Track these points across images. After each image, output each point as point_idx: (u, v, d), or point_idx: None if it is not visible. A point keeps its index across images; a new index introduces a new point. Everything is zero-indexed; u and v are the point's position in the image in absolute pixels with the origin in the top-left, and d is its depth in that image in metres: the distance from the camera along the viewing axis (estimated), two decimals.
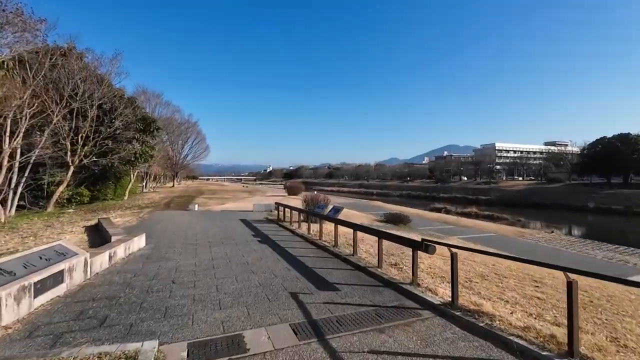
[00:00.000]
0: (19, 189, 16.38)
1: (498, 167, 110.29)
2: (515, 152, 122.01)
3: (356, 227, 7.44)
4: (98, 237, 10.01)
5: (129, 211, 18.94)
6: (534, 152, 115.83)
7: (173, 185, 61.86)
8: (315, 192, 24.10)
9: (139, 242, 8.41)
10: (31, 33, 11.56)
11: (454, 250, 4.39)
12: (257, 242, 9.43)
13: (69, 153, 18.94)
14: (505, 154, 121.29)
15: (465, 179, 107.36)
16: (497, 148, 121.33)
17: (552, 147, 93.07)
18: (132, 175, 30.81)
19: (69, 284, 5.23)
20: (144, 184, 44.05)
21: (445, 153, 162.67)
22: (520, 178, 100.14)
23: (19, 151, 15.84)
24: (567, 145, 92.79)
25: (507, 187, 76.95)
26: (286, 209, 13.97)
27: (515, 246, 15.21)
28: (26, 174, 16.61)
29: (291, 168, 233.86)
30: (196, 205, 20.14)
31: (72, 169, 19.23)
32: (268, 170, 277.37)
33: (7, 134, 14.37)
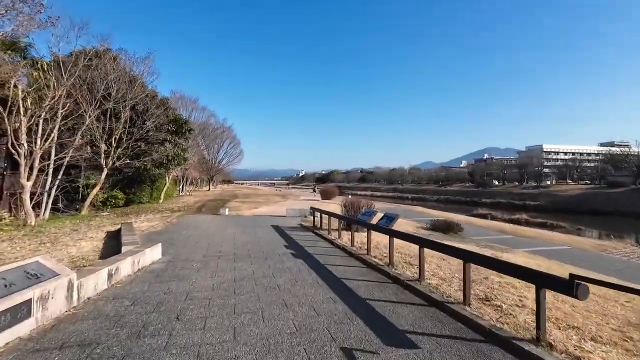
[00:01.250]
0: (53, 192, 16.13)
1: (547, 170, 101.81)
2: (566, 154, 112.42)
3: (424, 243, 5.50)
4: (116, 246, 8.90)
5: (160, 215, 18.24)
6: (589, 154, 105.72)
7: (209, 189, 62.69)
8: (350, 197, 22.30)
9: (152, 255, 7.06)
10: (31, 7, 10.53)
11: None
12: (291, 257, 7.77)
13: (102, 155, 18.68)
14: (554, 157, 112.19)
15: (499, 183, 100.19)
16: (544, 150, 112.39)
17: (613, 149, 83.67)
18: (167, 179, 30.80)
19: (40, 318, 3.85)
20: (181, 187, 44.56)
21: (486, 156, 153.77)
22: (573, 182, 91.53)
23: (53, 152, 15.57)
24: (629, 145, 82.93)
25: (559, 192, 70.30)
26: (323, 216, 12.26)
27: (601, 263, 12.38)
28: (60, 177, 16.36)
29: (323, 172, 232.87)
30: (227, 210, 19.07)
31: (105, 171, 18.95)
32: (301, 175, 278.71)
33: (40, 135, 14.04)
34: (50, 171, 15.80)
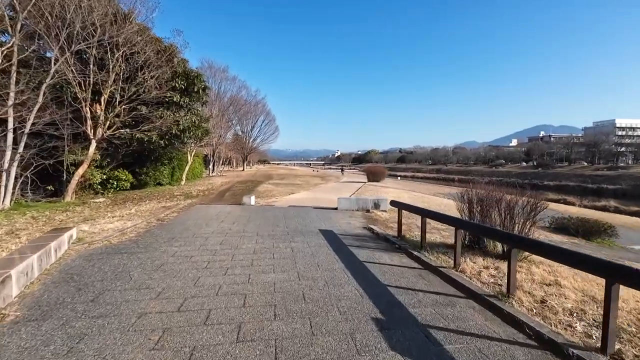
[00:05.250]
0: (13, 171, 11.49)
1: (622, 149, 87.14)
2: None
3: None
4: None
5: (162, 204, 13.24)
6: None
7: (243, 169, 58.78)
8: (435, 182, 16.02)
9: None
10: None
11: None
12: None
13: (89, 122, 13.81)
14: (630, 133, 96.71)
15: (564, 163, 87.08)
16: (617, 126, 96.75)
17: None
18: (189, 156, 26.12)
19: None
20: (211, 167, 40.31)
21: (542, 133, 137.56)
22: None
23: (11, 114, 10.86)
24: None
25: None
26: (425, 219, 6.20)
27: None
28: (21, 150, 11.62)
29: (359, 152, 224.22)
30: (252, 198, 13.53)
31: (94, 143, 14.13)
32: (336, 155, 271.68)
33: None
34: (9, 141, 11.14)
